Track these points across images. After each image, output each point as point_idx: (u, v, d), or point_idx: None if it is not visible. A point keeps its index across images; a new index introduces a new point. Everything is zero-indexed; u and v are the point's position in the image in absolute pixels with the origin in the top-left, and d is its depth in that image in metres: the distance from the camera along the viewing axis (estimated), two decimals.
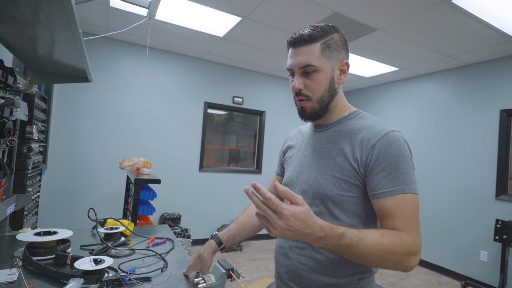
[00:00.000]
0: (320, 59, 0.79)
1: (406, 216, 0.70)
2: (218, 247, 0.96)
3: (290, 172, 0.93)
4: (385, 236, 0.67)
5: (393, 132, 0.76)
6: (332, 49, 0.81)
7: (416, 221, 0.71)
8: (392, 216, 0.71)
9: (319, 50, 0.79)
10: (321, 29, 0.80)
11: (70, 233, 1.06)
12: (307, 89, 0.81)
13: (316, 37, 0.79)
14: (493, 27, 2.50)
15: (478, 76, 3.36)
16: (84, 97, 3.34)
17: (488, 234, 3.11)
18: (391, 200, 0.71)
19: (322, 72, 0.80)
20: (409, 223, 0.70)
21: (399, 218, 0.70)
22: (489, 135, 3.20)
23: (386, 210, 0.72)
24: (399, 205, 0.70)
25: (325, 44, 0.80)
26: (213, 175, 4.13)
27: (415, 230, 0.70)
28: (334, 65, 0.82)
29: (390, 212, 0.71)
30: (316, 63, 0.79)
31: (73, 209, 3.29)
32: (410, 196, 0.71)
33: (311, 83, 0.81)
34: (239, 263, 3.45)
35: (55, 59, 1.13)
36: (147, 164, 2.47)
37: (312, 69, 0.79)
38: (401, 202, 0.71)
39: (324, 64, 0.80)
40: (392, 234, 0.68)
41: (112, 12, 2.78)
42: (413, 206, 0.71)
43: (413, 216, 0.71)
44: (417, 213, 0.72)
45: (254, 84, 4.46)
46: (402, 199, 0.71)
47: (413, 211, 0.71)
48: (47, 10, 0.72)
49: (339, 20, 2.57)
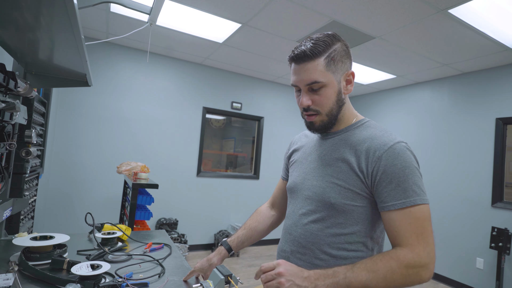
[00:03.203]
0: (326, 74, 0.78)
1: (411, 230, 0.70)
2: (228, 254, 0.98)
3: (295, 177, 0.94)
4: (378, 262, 0.68)
5: (399, 143, 0.77)
6: (337, 62, 0.80)
7: (425, 233, 0.71)
8: (397, 232, 0.72)
9: (324, 65, 0.78)
10: (323, 41, 0.78)
11: (67, 238, 1.06)
12: (315, 104, 0.81)
13: (319, 51, 0.77)
14: (489, 37, 2.54)
15: (474, 85, 3.40)
16: (82, 101, 3.34)
17: (484, 241, 3.11)
18: (398, 214, 0.72)
19: (329, 86, 0.79)
20: (414, 237, 0.70)
21: (404, 234, 0.71)
22: (485, 143, 3.23)
23: (392, 224, 0.73)
24: (405, 218, 0.71)
25: (329, 57, 0.78)
26: (211, 180, 4.12)
27: (421, 243, 0.70)
28: (340, 77, 0.81)
29: (396, 227, 0.72)
30: (322, 79, 0.78)
31: (70, 213, 3.26)
32: (419, 208, 0.71)
33: (319, 98, 0.80)
34: (236, 269, 3.43)
35: (55, 63, 1.13)
36: (145, 168, 2.47)
37: (319, 85, 0.79)
38: (407, 215, 0.71)
39: (330, 79, 0.79)
40: (386, 257, 0.69)
41: (113, 17, 2.80)
42: (422, 217, 0.71)
43: (421, 228, 0.71)
44: (427, 223, 0.72)
45: (253, 90, 4.48)
46: (409, 211, 0.71)
47: (421, 222, 0.71)
48: (49, 15, 0.72)
49: (338, 28, 2.60)
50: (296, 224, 0.87)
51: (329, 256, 0.80)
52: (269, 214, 1.10)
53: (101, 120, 3.44)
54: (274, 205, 1.12)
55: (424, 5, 2.14)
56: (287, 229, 0.91)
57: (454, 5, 2.11)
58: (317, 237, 0.81)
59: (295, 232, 0.86)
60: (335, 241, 0.80)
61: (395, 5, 2.17)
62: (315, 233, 0.82)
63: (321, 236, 0.81)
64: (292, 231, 0.88)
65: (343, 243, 0.79)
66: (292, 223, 0.89)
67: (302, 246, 0.83)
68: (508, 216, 2.97)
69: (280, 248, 0.93)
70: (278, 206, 1.11)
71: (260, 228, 1.05)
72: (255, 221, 1.06)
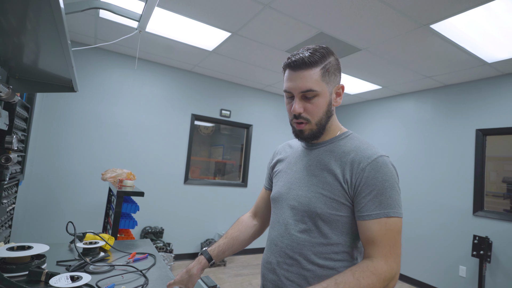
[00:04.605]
0: (320, 83, 0.81)
1: (385, 241, 0.74)
2: (208, 263, 0.95)
3: (280, 187, 0.94)
4: (361, 280, 0.70)
5: (382, 157, 0.79)
6: (330, 74, 0.83)
7: (395, 245, 0.75)
8: (374, 241, 0.75)
9: (320, 75, 0.81)
10: (320, 53, 0.81)
11: (46, 248, 1.02)
12: (306, 112, 0.83)
13: (316, 61, 0.80)
14: (468, 52, 2.66)
15: (455, 97, 3.53)
16: (68, 106, 3.27)
17: (467, 249, 3.19)
18: (375, 224, 0.75)
19: (322, 96, 0.82)
20: (388, 248, 0.74)
21: (379, 243, 0.74)
22: (466, 153, 3.33)
23: (368, 233, 0.75)
24: (381, 229, 0.74)
25: (325, 68, 0.81)
26: (199, 188, 4.08)
27: (392, 254, 0.74)
28: (332, 89, 0.84)
29: (372, 236, 0.75)
30: (317, 88, 0.80)
31: (50, 222, 3.14)
32: (393, 220, 0.75)
33: (311, 107, 0.82)
34: (222, 279, 3.38)
35: (40, 68, 1.11)
36: (131, 176, 2.42)
37: (313, 94, 0.81)
38: (383, 226, 0.74)
39: (323, 89, 0.82)
40: (367, 273, 0.71)
41: (102, 22, 2.78)
42: (395, 229, 0.75)
43: (393, 240, 0.74)
44: (398, 236, 0.75)
45: (242, 98, 4.50)
46: (385, 223, 0.74)
47: (394, 234, 0.74)
48: (35, 19, 0.71)
49: (325, 39, 2.66)
50: (282, 235, 0.87)
51: (316, 266, 0.80)
52: (251, 223, 1.09)
53: (87, 126, 3.36)
54: (256, 214, 1.11)
55: (408, 20, 2.23)
56: (272, 240, 0.90)
57: (436, 20, 2.20)
58: (304, 247, 0.81)
59: (282, 243, 0.86)
60: (322, 251, 0.80)
61: (380, 19, 2.25)
62: (302, 244, 0.82)
63: (308, 246, 0.81)
64: (279, 242, 0.87)
65: (329, 253, 0.80)
66: (278, 234, 0.88)
67: (289, 257, 0.83)
68: (489, 225, 3.06)
69: (265, 260, 0.92)
70: (261, 216, 1.10)
71: (242, 238, 1.04)
72: (237, 230, 1.05)
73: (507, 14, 2.07)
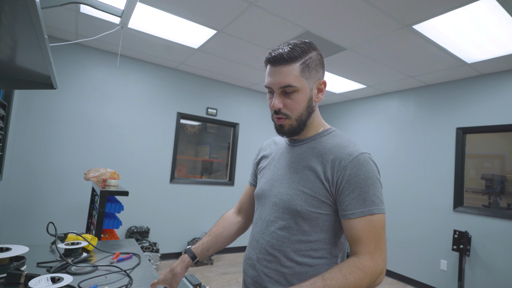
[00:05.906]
0: (300, 79, 0.80)
1: (370, 238, 0.75)
2: (192, 261, 0.95)
3: (263, 184, 0.94)
4: (348, 276, 0.70)
5: (363, 154, 0.80)
6: (311, 69, 0.82)
7: (380, 240, 0.76)
8: (359, 239, 0.75)
9: (299, 71, 0.80)
10: (300, 48, 0.80)
11: (26, 250, 0.99)
12: (286, 108, 0.83)
13: (295, 57, 0.79)
14: (449, 52, 2.74)
15: (437, 96, 3.63)
16: (48, 104, 3.17)
17: (447, 244, 3.30)
18: (359, 222, 0.75)
19: (301, 92, 0.82)
20: (373, 244, 0.75)
21: (365, 241, 0.75)
22: (447, 151, 3.44)
23: (353, 231, 0.76)
24: (366, 227, 0.75)
25: (304, 64, 0.81)
26: (185, 187, 4.04)
27: (378, 250, 0.75)
28: (313, 85, 0.84)
29: (357, 234, 0.75)
30: (296, 84, 0.80)
31: (31, 223, 3.05)
32: (377, 217, 0.76)
33: (291, 102, 0.82)
34: (209, 277, 3.37)
35: (17, 64, 1.07)
36: (115, 175, 2.37)
37: (292, 89, 0.80)
38: (367, 223, 0.75)
39: (303, 84, 0.81)
40: (354, 269, 0.72)
41: (83, 18, 2.70)
42: (379, 226, 0.76)
43: (378, 236, 0.75)
44: (383, 231, 0.77)
45: (229, 96, 4.48)
46: (369, 220, 0.75)
47: (378, 230, 0.76)
48: (10, 13, 0.69)
49: (311, 38, 2.68)
50: (263, 232, 0.87)
51: (294, 263, 0.81)
52: (235, 220, 1.08)
53: (68, 124, 3.27)
54: (240, 211, 1.11)
55: (391, 20, 2.27)
56: (254, 236, 0.91)
57: (418, 21, 2.26)
58: (283, 244, 0.82)
59: (262, 239, 0.86)
60: (301, 248, 0.81)
61: (364, 19, 2.29)
62: (282, 241, 0.82)
63: (287, 243, 0.81)
64: (260, 238, 0.88)
65: (308, 250, 0.81)
66: (259, 230, 0.89)
67: (269, 254, 0.84)
68: (468, 220, 3.17)
69: (246, 256, 0.93)
70: (245, 212, 1.10)
71: (225, 235, 1.03)
72: (221, 227, 1.04)
73: (486, 16, 2.14)
